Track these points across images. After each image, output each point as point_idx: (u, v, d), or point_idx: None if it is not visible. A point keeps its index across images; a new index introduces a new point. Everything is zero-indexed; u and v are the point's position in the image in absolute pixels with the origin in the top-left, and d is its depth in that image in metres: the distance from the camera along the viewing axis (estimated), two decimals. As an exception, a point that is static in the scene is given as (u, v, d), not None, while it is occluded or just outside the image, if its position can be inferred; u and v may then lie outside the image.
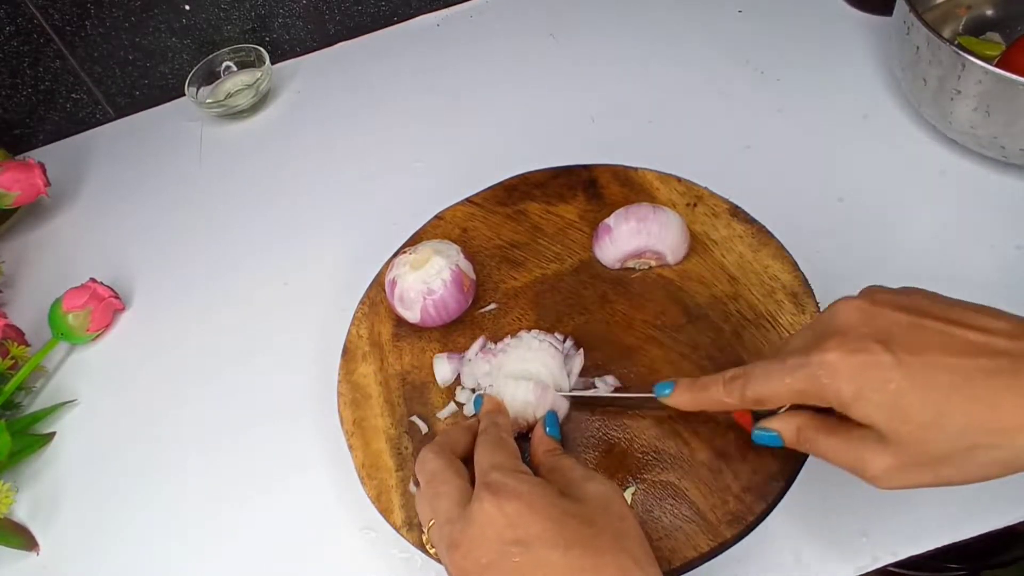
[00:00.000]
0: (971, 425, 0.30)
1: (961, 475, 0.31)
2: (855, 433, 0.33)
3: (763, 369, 0.35)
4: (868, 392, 0.31)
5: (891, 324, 0.32)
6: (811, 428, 0.35)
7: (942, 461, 0.31)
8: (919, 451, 0.31)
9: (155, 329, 0.63)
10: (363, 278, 0.55)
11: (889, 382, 0.31)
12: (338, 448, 0.48)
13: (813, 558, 0.40)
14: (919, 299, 0.33)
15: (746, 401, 0.36)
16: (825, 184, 0.56)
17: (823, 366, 0.32)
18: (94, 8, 0.74)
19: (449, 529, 0.34)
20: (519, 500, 0.33)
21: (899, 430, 0.31)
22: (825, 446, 0.34)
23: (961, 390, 0.30)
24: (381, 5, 0.81)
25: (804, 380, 0.33)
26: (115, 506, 0.52)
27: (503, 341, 0.48)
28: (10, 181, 0.68)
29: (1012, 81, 0.47)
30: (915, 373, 0.30)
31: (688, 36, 0.72)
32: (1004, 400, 0.29)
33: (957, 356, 0.30)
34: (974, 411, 0.30)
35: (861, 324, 0.32)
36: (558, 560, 0.31)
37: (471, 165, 0.64)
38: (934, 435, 0.30)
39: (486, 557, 0.32)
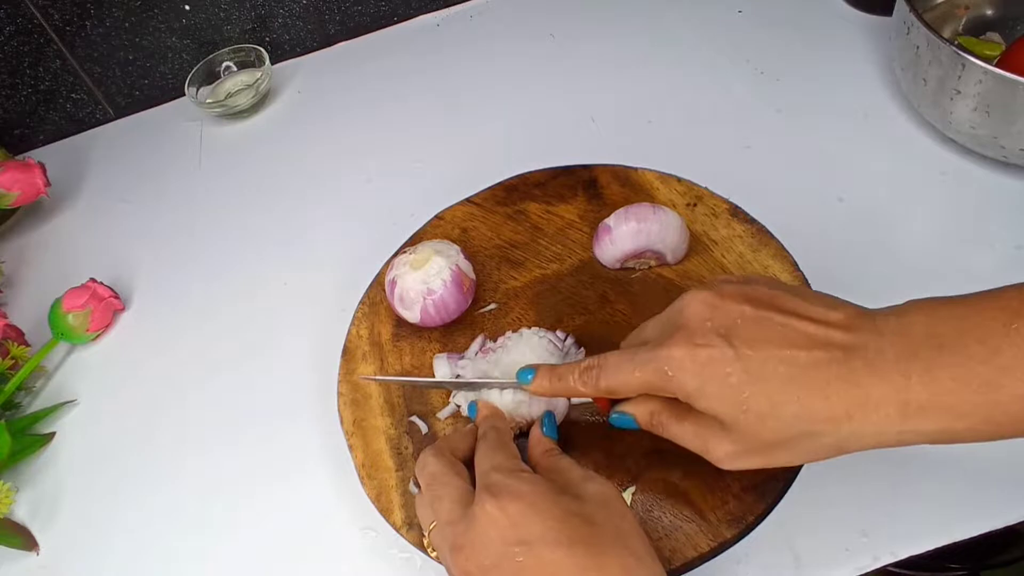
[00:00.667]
0: (803, 415, 0.32)
1: (792, 458, 0.33)
2: (701, 420, 0.35)
3: (615, 361, 0.37)
4: (710, 387, 0.33)
5: (735, 317, 0.34)
6: (663, 413, 0.37)
7: (776, 447, 0.33)
8: (756, 438, 0.33)
9: (155, 329, 0.63)
10: (363, 278, 0.55)
11: (730, 376, 0.33)
12: (338, 448, 0.48)
13: (813, 558, 0.40)
14: (764, 290, 0.35)
15: (599, 391, 0.37)
16: (825, 184, 0.56)
17: (669, 361, 0.34)
18: (94, 8, 0.74)
19: (451, 531, 0.35)
20: (521, 500, 0.33)
21: (738, 419, 0.33)
22: (675, 430, 0.37)
23: (796, 381, 0.32)
24: (381, 5, 0.81)
25: (651, 374, 0.35)
26: (115, 506, 0.52)
27: (504, 336, 0.48)
28: (10, 181, 0.68)
29: (1012, 81, 0.47)
30: (754, 367, 0.32)
31: (688, 36, 0.72)
32: (834, 390, 0.31)
33: (794, 349, 0.32)
34: (807, 401, 0.31)
35: (707, 318, 0.34)
36: (561, 559, 0.31)
37: (471, 165, 0.64)
38: (770, 424, 0.32)
39: (489, 559, 0.32)
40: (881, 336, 0.31)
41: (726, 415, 0.33)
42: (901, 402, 0.30)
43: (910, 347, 0.30)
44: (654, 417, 0.38)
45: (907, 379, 0.30)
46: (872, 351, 0.31)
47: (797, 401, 0.31)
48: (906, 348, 0.30)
